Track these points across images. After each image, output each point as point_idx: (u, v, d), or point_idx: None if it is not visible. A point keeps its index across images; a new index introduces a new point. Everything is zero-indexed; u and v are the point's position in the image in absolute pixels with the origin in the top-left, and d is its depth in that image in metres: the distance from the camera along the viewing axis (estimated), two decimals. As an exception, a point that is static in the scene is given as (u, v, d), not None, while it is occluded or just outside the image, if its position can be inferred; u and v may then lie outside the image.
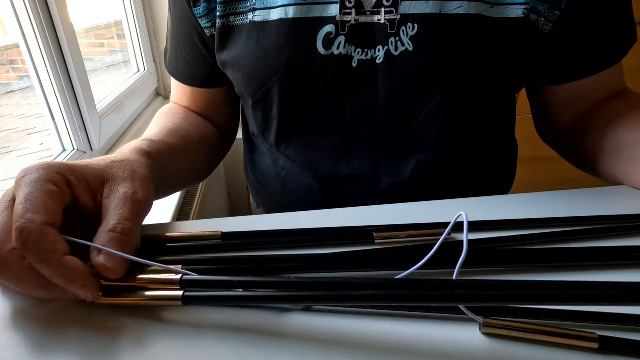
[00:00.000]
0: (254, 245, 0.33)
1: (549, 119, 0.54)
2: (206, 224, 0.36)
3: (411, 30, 0.41)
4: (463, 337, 0.25)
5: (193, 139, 0.50)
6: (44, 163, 0.28)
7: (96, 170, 0.30)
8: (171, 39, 0.52)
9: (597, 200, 0.39)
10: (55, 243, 0.24)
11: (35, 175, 0.27)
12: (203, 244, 0.33)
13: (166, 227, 0.36)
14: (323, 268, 0.29)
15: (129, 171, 0.31)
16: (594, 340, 0.23)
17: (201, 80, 0.53)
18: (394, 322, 0.26)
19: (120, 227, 0.27)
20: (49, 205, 0.25)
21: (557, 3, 0.41)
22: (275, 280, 0.26)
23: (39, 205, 0.25)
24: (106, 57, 1.21)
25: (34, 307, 0.28)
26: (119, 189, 0.29)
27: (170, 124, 0.49)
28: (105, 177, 0.30)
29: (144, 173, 0.32)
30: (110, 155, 0.34)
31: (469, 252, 0.27)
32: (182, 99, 0.57)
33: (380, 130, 0.46)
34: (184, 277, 0.26)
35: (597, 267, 0.29)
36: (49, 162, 0.28)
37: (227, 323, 0.26)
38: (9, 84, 0.91)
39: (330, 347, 0.24)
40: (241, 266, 0.29)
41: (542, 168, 1.44)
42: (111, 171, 0.31)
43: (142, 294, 0.26)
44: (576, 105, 0.50)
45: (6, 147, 0.86)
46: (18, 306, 0.28)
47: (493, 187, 0.54)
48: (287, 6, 0.41)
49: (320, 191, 0.50)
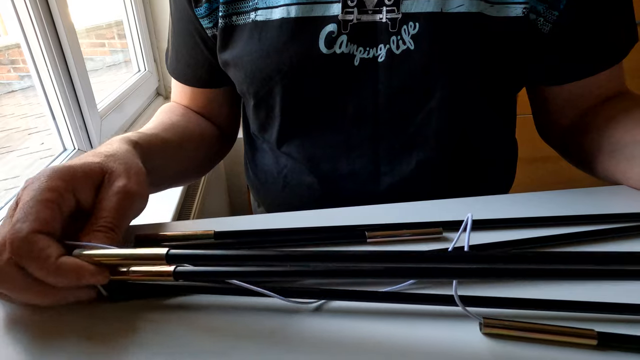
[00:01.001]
0: (245, 245, 0.33)
1: (549, 119, 0.54)
2: (202, 223, 0.36)
3: (412, 29, 0.41)
4: (463, 337, 0.25)
5: (190, 136, 0.50)
6: (47, 171, 0.28)
7: (95, 167, 0.30)
8: (172, 39, 0.53)
9: (596, 199, 0.39)
10: (45, 249, 0.25)
11: (35, 185, 0.27)
12: (196, 242, 0.33)
13: (161, 227, 0.36)
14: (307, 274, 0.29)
15: (123, 165, 0.32)
16: (593, 337, 0.23)
17: (202, 81, 0.53)
18: (394, 323, 0.26)
19: (104, 223, 0.28)
20: (41, 213, 0.26)
21: (555, 3, 0.41)
22: (266, 253, 0.25)
23: (29, 215, 0.26)
24: (107, 57, 1.21)
25: (33, 313, 0.28)
26: (113, 184, 0.30)
27: (166, 119, 0.50)
28: (104, 172, 0.31)
29: (137, 165, 0.33)
30: (101, 149, 0.34)
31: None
32: (183, 99, 0.57)
33: (382, 128, 0.46)
34: (170, 251, 0.26)
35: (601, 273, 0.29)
36: (53, 168, 0.29)
37: (230, 329, 0.26)
38: (10, 83, 0.92)
39: (333, 348, 0.24)
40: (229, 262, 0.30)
41: (542, 168, 1.44)
42: (107, 165, 0.31)
43: (135, 270, 0.27)
44: (576, 105, 0.50)
45: (7, 146, 0.87)
46: (15, 315, 0.28)
47: (493, 186, 0.55)
48: (289, 5, 0.41)
49: (321, 189, 0.50)
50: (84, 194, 0.29)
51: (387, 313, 0.26)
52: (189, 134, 0.50)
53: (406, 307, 0.27)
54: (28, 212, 0.26)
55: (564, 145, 0.54)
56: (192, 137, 0.51)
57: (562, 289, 0.28)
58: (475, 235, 0.33)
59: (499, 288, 0.28)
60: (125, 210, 0.29)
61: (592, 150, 0.47)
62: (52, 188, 0.27)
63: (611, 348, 0.24)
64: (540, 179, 1.54)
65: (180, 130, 0.49)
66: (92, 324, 0.26)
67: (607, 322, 0.25)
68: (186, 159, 0.50)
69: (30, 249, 0.24)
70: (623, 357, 0.23)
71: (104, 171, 0.30)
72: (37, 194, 0.26)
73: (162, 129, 0.46)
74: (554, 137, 0.55)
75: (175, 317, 0.27)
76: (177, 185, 0.57)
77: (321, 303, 0.27)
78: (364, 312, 0.27)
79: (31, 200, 0.26)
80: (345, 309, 0.27)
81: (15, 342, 0.25)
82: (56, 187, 0.27)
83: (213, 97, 0.55)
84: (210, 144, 0.55)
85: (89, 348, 0.25)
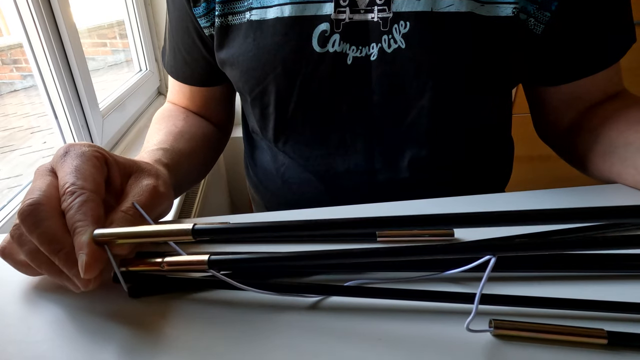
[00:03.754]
0: (256, 239, 0.33)
1: (546, 119, 0.54)
2: (210, 220, 0.36)
3: (403, 27, 0.41)
4: (473, 338, 0.25)
5: (197, 141, 0.51)
6: (85, 142, 0.30)
7: (127, 161, 0.33)
8: (169, 37, 0.53)
9: (593, 197, 0.39)
10: (100, 210, 0.27)
11: (80, 151, 0.29)
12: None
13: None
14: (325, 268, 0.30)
15: (154, 170, 0.34)
16: (603, 336, 0.23)
17: (200, 79, 0.54)
18: (400, 323, 0.26)
19: (132, 210, 0.29)
20: (96, 177, 0.28)
21: (547, 4, 0.41)
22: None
23: (87, 176, 0.28)
24: (108, 57, 1.22)
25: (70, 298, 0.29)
26: (142, 180, 0.32)
27: (173, 127, 0.50)
28: (134, 169, 0.33)
29: (166, 179, 0.35)
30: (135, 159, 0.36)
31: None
32: (180, 98, 0.57)
33: (375, 126, 0.47)
34: (195, 225, 0.26)
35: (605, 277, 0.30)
36: (88, 142, 0.31)
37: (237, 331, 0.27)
38: (12, 83, 0.92)
39: (336, 348, 0.25)
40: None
41: (538, 166, 1.44)
42: (139, 165, 0.33)
43: (169, 261, 0.27)
44: (573, 106, 0.50)
45: (10, 145, 0.87)
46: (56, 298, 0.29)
47: (489, 184, 0.55)
48: (283, 5, 0.42)
49: (319, 186, 0.51)
50: (115, 172, 0.31)
51: (392, 313, 0.27)
52: (196, 139, 0.51)
53: (411, 304, 0.27)
54: (85, 174, 0.28)
55: (561, 146, 0.54)
56: (198, 142, 0.51)
57: (571, 288, 0.28)
58: (473, 231, 0.34)
59: (507, 286, 0.28)
60: (153, 207, 0.31)
61: (587, 152, 0.47)
62: (96, 156, 0.29)
63: (622, 347, 0.23)
64: (538, 178, 1.54)
65: (188, 138, 0.50)
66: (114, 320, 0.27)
67: (616, 321, 0.25)
68: (196, 165, 0.51)
69: (90, 206, 0.27)
70: (634, 357, 0.23)
71: (133, 166, 0.33)
72: (86, 159, 0.29)
73: (175, 140, 0.47)
74: (552, 137, 0.55)
75: (199, 310, 0.27)
76: (186, 191, 0.58)
77: (322, 298, 0.28)
78: (369, 313, 0.27)
79: (84, 164, 0.28)
80: (353, 304, 0.27)
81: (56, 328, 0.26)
82: (98, 157, 0.30)
83: (210, 96, 0.56)
84: (211, 144, 0.56)
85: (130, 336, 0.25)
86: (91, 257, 0.25)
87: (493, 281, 0.29)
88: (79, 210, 0.26)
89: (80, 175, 0.27)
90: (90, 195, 0.27)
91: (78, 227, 0.26)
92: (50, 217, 0.26)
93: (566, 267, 0.29)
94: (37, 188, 0.27)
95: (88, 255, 0.25)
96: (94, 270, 0.25)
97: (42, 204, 0.26)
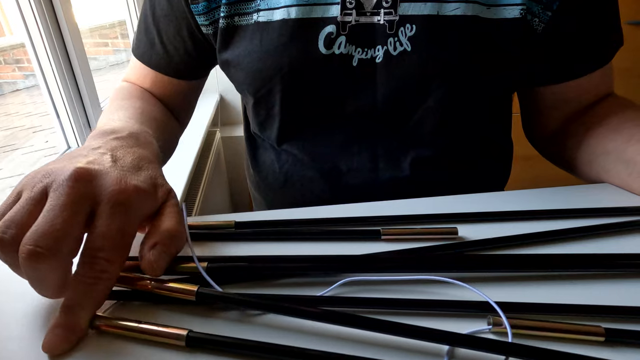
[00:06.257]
0: (263, 235, 0.34)
1: (535, 121, 0.55)
2: (218, 218, 0.37)
3: (409, 31, 0.42)
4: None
5: (165, 128, 0.51)
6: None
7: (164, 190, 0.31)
8: (148, 25, 0.51)
9: (590, 196, 0.40)
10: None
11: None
12: (217, 232, 0.35)
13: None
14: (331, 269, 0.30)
15: (174, 197, 0.33)
16: (600, 333, 0.23)
17: (175, 70, 0.53)
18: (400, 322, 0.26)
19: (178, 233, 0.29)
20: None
21: (549, 4, 0.42)
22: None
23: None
24: (110, 56, 1.22)
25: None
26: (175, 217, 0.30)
27: (144, 107, 0.48)
28: (165, 197, 0.31)
29: (162, 174, 0.34)
30: (147, 153, 0.34)
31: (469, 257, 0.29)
32: (145, 82, 0.55)
33: (379, 126, 0.47)
34: (190, 333, 0.24)
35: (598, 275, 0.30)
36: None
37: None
38: (14, 82, 0.93)
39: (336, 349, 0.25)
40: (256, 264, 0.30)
41: (537, 165, 1.44)
42: (166, 187, 0.32)
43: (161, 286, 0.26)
44: (562, 108, 0.51)
45: (12, 144, 0.88)
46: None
47: (488, 184, 0.55)
48: (290, 7, 0.42)
49: (322, 185, 0.51)
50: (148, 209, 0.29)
51: (396, 313, 0.27)
52: (164, 127, 0.50)
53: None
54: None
55: (548, 149, 0.55)
56: (164, 126, 0.50)
57: (571, 288, 0.28)
58: (471, 228, 0.34)
59: (506, 286, 0.28)
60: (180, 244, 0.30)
61: (572, 159, 0.48)
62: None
63: (619, 344, 0.23)
64: (537, 177, 1.54)
65: (161, 126, 0.49)
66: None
67: (614, 321, 0.25)
68: (166, 152, 0.51)
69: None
70: (631, 353, 0.23)
71: (165, 194, 0.31)
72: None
73: (152, 126, 0.45)
74: (539, 140, 0.56)
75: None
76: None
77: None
78: (373, 311, 0.27)
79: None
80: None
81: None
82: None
83: (180, 90, 0.55)
84: (173, 133, 0.56)
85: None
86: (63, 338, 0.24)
87: (492, 281, 0.29)
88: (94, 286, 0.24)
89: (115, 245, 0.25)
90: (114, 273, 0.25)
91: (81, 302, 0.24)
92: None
93: (566, 267, 0.29)
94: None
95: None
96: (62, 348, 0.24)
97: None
